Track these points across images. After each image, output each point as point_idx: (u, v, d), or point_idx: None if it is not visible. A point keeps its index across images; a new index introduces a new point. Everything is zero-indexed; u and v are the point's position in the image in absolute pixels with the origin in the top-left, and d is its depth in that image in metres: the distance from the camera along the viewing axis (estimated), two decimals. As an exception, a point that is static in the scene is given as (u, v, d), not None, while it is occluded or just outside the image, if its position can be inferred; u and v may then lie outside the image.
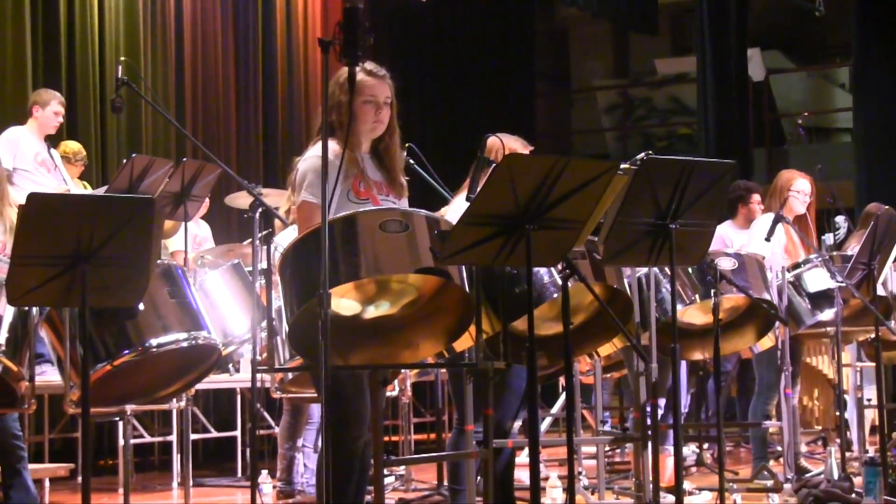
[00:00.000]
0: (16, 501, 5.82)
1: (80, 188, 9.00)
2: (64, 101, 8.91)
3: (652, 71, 19.22)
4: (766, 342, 7.03)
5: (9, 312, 5.22)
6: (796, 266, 7.33)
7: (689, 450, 8.91)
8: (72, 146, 9.19)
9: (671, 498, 6.19)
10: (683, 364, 8.12)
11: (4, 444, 5.82)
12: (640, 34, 18.90)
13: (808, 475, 7.33)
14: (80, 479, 5.40)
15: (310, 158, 4.77)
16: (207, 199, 8.75)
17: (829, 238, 9.31)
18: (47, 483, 7.62)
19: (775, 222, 7.25)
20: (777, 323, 6.78)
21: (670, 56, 19.11)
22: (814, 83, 18.73)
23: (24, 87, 9.57)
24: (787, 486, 6.89)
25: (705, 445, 8.85)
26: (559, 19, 19.72)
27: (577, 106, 20.04)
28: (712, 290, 6.08)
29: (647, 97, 19.36)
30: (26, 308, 5.21)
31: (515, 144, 5.66)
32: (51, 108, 8.71)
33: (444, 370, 7.75)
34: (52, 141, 8.89)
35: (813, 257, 7.38)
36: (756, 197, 8.55)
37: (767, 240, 7.28)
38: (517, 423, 6.05)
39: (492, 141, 5.46)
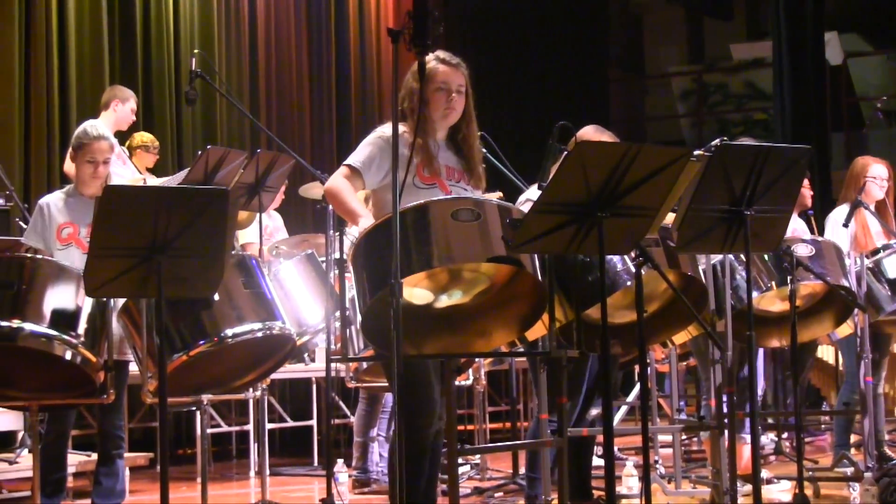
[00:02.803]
0: (105, 487, 5.90)
1: (154, 181, 9.09)
2: (137, 100, 9.04)
3: (727, 56, 19.02)
4: (845, 329, 6.93)
5: (87, 304, 5.27)
6: (875, 252, 7.23)
7: (768, 438, 8.82)
8: (147, 136, 9.29)
9: (748, 486, 6.15)
10: (761, 352, 8.03)
11: (106, 431, 5.90)
12: (714, 19, 18.73)
13: (889, 464, 7.22)
14: (159, 468, 5.45)
15: (377, 132, 4.82)
16: (282, 191, 8.81)
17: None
18: (127, 472, 7.70)
19: (854, 208, 7.16)
20: (856, 310, 6.69)
21: (746, 41, 18.89)
22: (893, 66, 18.42)
23: (102, 80, 9.68)
24: (868, 474, 6.80)
25: (783, 434, 8.76)
26: (633, 5, 19.60)
27: (651, 92, 19.89)
28: (789, 277, 6.01)
29: (723, 83, 19.16)
30: (104, 299, 5.27)
31: (605, 138, 5.64)
32: (129, 105, 8.80)
33: (520, 359, 7.76)
34: (122, 135, 8.97)
35: (893, 243, 7.26)
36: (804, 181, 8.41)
37: (845, 226, 7.18)
38: (595, 411, 6.02)
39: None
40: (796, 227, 7.78)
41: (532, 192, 5.67)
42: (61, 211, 5.86)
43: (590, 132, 5.64)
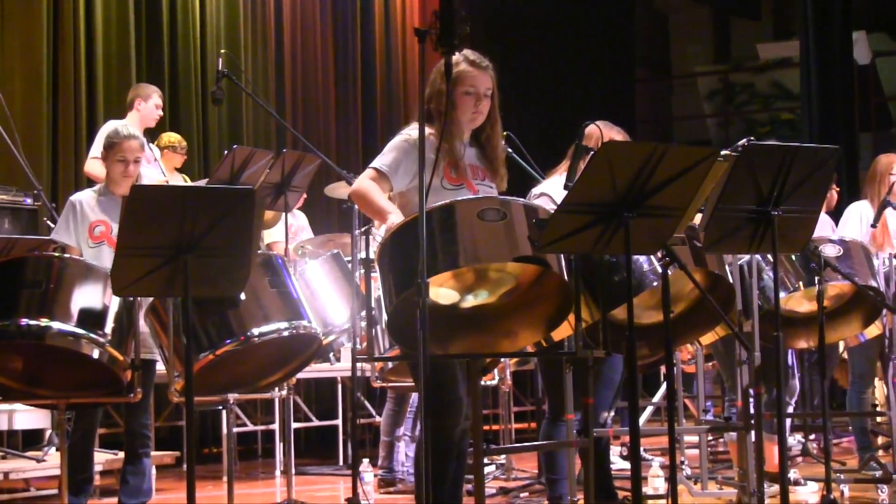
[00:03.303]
0: (132, 486, 5.92)
1: (179, 180, 9.11)
2: (162, 94, 9.04)
3: (754, 56, 18.97)
4: (874, 330, 6.89)
5: (114, 303, 5.28)
6: (904, 252, 7.18)
7: (795, 439, 8.78)
8: (174, 136, 9.30)
9: (775, 487, 6.12)
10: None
11: (133, 430, 5.92)
12: (741, 18, 18.67)
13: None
14: (185, 466, 5.46)
15: (402, 135, 4.81)
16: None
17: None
18: (153, 470, 7.74)
19: (882, 207, 7.12)
20: (884, 311, 6.65)
21: (772, 40, 18.84)
22: (922, 66, 18.35)
23: (129, 81, 9.71)
24: (897, 476, 6.76)
25: (811, 435, 8.73)
26: (659, 4, 19.57)
27: (678, 92, 19.85)
28: (816, 278, 5.98)
29: (749, 82, 19.12)
30: (131, 298, 5.29)
31: (614, 133, 5.63)
32: (153, 101, 8.82)
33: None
34: (152, 133, 9.00)
35: (920, 243, 7.22)
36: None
37: (874, 226, 7.15)
38: (610, 413, 6.01)
39: (591, 129, 5.43)
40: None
41: (546, 185, 5.65)
42: (94, 209, 5.89)
43: (604, 129, 5.62)
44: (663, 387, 9.54)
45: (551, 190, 5.49)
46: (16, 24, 9.20)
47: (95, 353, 5.21)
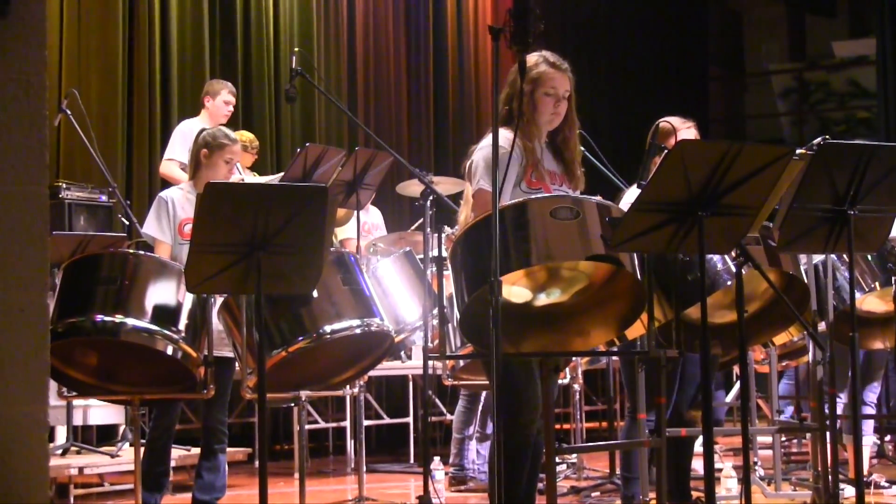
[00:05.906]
0: (206, 481, 5.99)
1: (250, 177, 9.16)
2: (234, 90, 9.05)
3: (829, 54, 18.75)
4: (951, 331, 6.78)
5: (188, 300, 5.33)
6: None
7: (870, 441, 8.67)
8: (247, 135, 9.34)
9: (851, 490, 6.05)
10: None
11: (210, 426, 5.99)
12: (816, 16, 18.45)
13: None
14: (257, 463, 5.49)
15: (486, 148, 4.79)
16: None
17: None
18: (226, 466, 7.79)
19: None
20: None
21: (848, 38, 18.61)
22: None
23: (202, 79, 9.79)
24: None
25: (886, 437, 8.62)
26: (733, 2, 19.40)
27: (752, 90, 19.67)
28: (893, 278, 5.90)
29: (825, 81, 18.89)
30: (205, 295, 5.32)
31: (680, 126, 5.59)
32: (221, 98, 8.86)
33: (616, 358, 7.70)
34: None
35: None
36: None
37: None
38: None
39: (664, 126, 5.40)
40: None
41: (632, 194, 5.62)
42: (184, 207, 5.95)
43: (676, 123, 5.58)
44: (736, 387, 9.46)
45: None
46: (92, 23, 9.31)
47: (169, 350, 5.25)
